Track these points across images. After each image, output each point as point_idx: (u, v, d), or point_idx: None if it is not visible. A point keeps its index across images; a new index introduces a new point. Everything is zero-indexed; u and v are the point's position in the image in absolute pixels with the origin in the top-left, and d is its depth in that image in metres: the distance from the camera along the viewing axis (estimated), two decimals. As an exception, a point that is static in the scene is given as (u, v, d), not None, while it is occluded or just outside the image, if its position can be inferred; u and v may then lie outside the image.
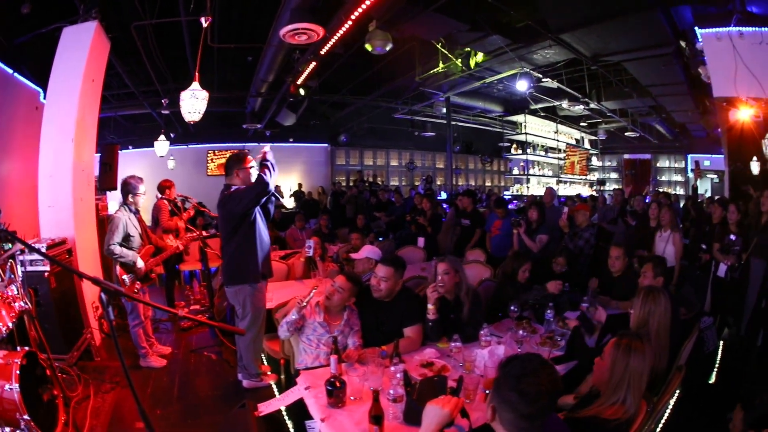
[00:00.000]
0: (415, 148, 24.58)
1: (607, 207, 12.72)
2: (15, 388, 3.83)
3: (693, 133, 20.47)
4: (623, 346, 3.16)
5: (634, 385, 3.06)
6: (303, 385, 3.82)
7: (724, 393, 5.62)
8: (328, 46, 9.80)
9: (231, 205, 5.51)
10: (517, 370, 2.34)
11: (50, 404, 4.49)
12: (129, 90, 13.52)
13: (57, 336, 5.86)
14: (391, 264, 4.80)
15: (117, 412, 5.28)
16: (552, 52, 12.57)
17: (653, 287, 4.36)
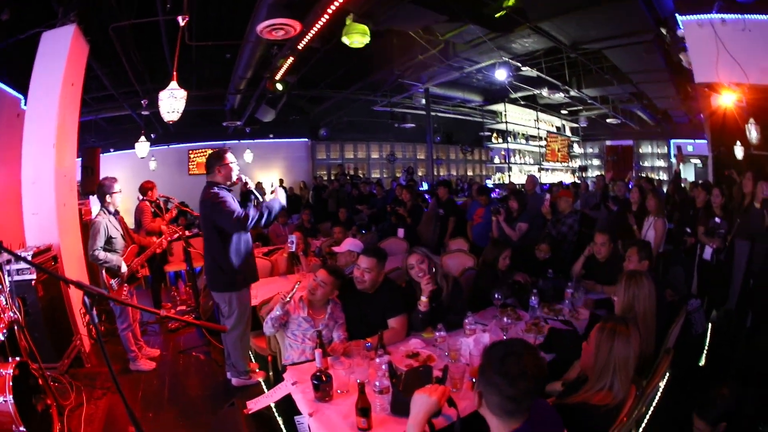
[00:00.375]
0: (395, 140, 24.52)
1: (589, 193, 12.83)
2: (9, 400, 3.82)
3: (675, 119, 20.49)
4: (607, 331, 3.19)
5: (620, 370, 3.08)
6: (290, 380, 3.86)
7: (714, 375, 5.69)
8: (306, 41, 9.76)
9: (215, 215, 5.46)
10: (500, 352, 2.37)
11: (44, 414, 4.48)
12: (108, 92, 13.43)
13: (47, 344, 5.84)
14: (374, 255, 4.85)
15: (110, 418, 5.29)
16: (531, 41, 12.54)
17: (636, 271, 4.42)
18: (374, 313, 4.85)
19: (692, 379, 5.62)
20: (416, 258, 4.97)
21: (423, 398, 2.56)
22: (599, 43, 12.28)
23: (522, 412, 2.32)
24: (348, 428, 3.14)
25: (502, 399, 2.29)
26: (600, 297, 5.44)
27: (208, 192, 5.53)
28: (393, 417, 3.23)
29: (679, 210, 8.97)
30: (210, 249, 5.65)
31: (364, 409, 3.07)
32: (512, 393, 2.26)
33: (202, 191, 5.64)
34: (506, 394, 2.27)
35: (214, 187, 5.55)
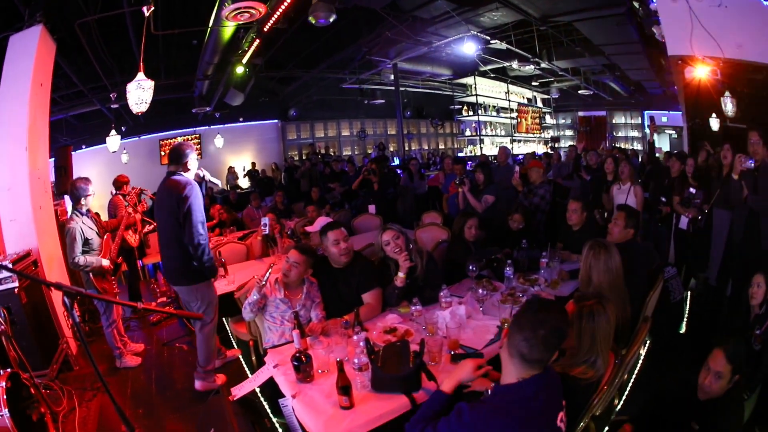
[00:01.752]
0: (366, 117, 24.39)
1: (561, 163, 12.88)
2: (5, 414, 3.83)
3: (649, 91, 20.54)
4: (586, 313, 3.21)
5: (603, 347, 3.15)
6: (271, 363, 3.91)
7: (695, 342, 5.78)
8: (271, 23, 9.72)
9: (182, 214, 5.20)
10: (537, 303, 2.72)
11: (40, 423, 4.48)
12: (77, 89, 13.26)
13: (35, 352, 5.82)
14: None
15: (103, 418, 5.32)
16: (500, 15, 12.59)
17: (597, 242, 4.46)
18: (348, 289, 4.95)
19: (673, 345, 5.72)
20: (391, 234, 5.02)
21: (469, 367, 2.91)
22: (569, 15, 12.31)
23: (534, 363, 2.50)
24: (331, 407, 3.19)
25: (521, 339, 2.48)
26: (574, 267, 5.48)
27: (178, 184, 5.28)
28: (374, 394, 3.28)
29: (654, 179, 9.03)
30: (175, 240, 5.35)
31: (344, 387, 3.12)
32: (531, 336, 2.46)
33: (167, 179, 5.41)
34: (525, 335, 2.47)
35: (181, 178, 5.36)
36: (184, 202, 5.16)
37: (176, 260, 5.41)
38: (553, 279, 5.36)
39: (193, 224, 5.18)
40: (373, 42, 14.78)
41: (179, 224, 5.23)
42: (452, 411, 2.51)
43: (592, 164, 10.08)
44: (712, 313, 6.46)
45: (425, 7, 12.11)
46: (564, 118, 27.15)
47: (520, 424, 2.40)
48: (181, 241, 5.27)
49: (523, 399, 2.45)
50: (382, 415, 3.06)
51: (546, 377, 2.55)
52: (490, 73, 21.93)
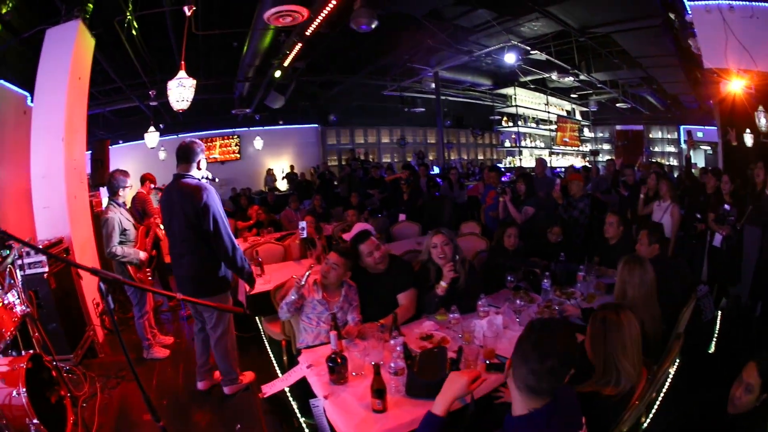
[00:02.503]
0: (405, 125, 24.41)
1: (600, 177, 12.76)
2: (23, 393, 3.84)
3: (685, 105, 20.24)
4: (599, 320, 3.20)
5: (620, 359, 3.07)
6: (305, 363, 3.85)
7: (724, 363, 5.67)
8: (313, 27, 9.76)
9: (204, 220, 4.91)
10: (539, 326, 2.41)
11: (58, 405, 4.51)
12: (116, 85, 13.50)
13: (60, 336, 5.89)
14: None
15: (124, 407, 5.34)
16: (539, 25, 12.54)
17: (632, 257, 4.42)
18: (385, 291, 4.92)
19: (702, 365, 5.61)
20: (441, 239, 4.93)
21: (458, 380, 2.63)
22: (607, 27, 12.26)
23: (544, 392, 2.33)
24: (363, 410, 3.14)
25: (527, 372, 2.29)
26: (610, 281, 5.42)
27: (192, 189, 4.95)
28: (408, 399, 3.23)
29: (690, 196, 8.91)
30: (190, 250, 5.09)
31: (379, 390, 3.06)
32: (538, 368, 2.26)
33: (177, 182, 5.10)
34: (533, 367, 2.27)
35: (193, 181, 5.05)
36: (206, 213, 4.90)
37: (193, 270, 5.14)
38: (590, 293, 5.26)
39: (223, 236, 4.98)
40: (415, 49, 14.79)
41: (196, 234, 4.99)
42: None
43: (630, 181, 9.97)
44: (742, 333, 6.34)
45: (466, 16, 12.09)
46: (602, 132, 26.79)
47: None
48: (199, 250, 5.05)
49: (535, 430, 2.34)
50: (414, 420, 2.94)
51: (558, 401, 2.41)
52: (530, 84, 21.78)
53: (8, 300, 4.66)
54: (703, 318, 5.89)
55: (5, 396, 3.86)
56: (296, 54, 11.77)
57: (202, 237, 4.97)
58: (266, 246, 8.07)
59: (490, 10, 11.31)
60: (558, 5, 11.13)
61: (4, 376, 3.96)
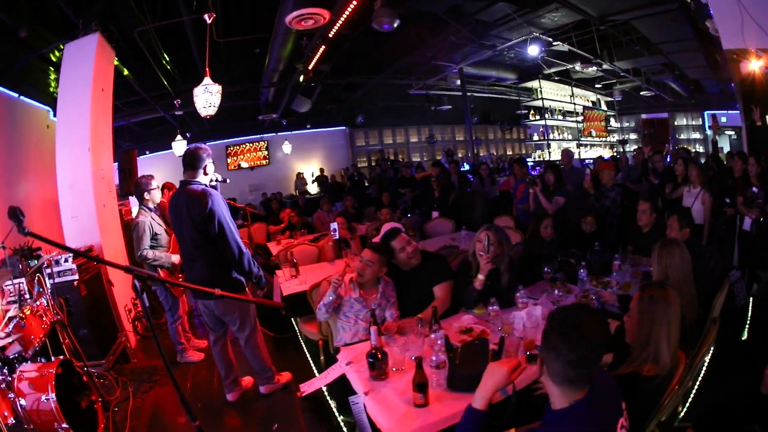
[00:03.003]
0: (433, 123, 24.40)
1: (629, 167, 12.64)
2: (52, 398, 3.88)
3: (708, 90, 20.13)
4: (646, 298, 3.15)
5: (663, 337, 3.02)
6: (344, 361, 3.84)
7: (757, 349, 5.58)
8: (335, 29, 9.78)
9: (210, 225, 4.83)
10: (561, 316, 2.34)
11: (89, 410, 4.55)
12: (140, 96, 13.62)
13: (91, 342, 5.95)
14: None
15: (157, 411, 5.36)
16: (559, 15, 12.51)
17: (667, 240, 4.43)
18: (421, 286, 4.92)
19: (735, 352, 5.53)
20: (484, 234, 4.81)
21: (496, 371, 2.55)
22: (626, 14, 12.25)
23: (583, 381, 2.28)
24: (405, 405, 3.12)
25: (562, 365, 2.23)
26: (647, 269, 5.37)
27: (197, 195, 4.89)
28: (449, 392, 3.21)
29: (717, 181, 8.79)
30: (201, 255, 5.04)
31: (421, 384, 3.04)
32: (572, 358, 2.20)
33: (183, 189, 5.03)
34: (566, 358, 2.21)
35: (198, 186, 4.97)
36: (212, 218, 4.83)
37: (206, 274, 5.03)
38: (626, 282, 5.20)
39: (229, 240, 4.88)
40: (438, 47, 14.78)
41: (205, 239, 4.91)
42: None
43: (659, 169, 9.87)
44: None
45: (487, 11, 12.08)
46: (628, 121, 26.64)
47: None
48: (209, 254, 4.98)
49: (577, 423, 2.25)
50: (456, 414, 2.86)
51: (597, 389, 2.33)
52: (554, 76, 21.76)
53: (37, 307, 4.72)
54: (737, 304, 5.81)
55: (34, 401, 3.90)
56: (320, 57, 11.78)
57: (211, 241, 4.91)
58: (300, 247, 8.09)
59: (510, 3, 11.29)
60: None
61: (34, 381, 4.00)
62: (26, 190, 8.18)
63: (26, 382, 4.00)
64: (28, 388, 3.97)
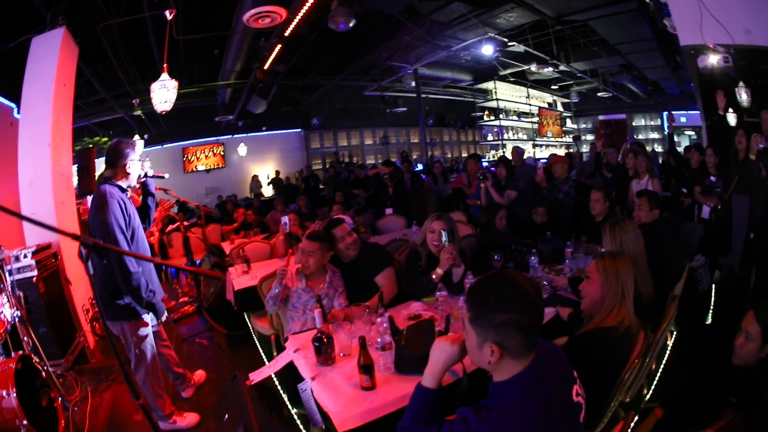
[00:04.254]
0: (388, 125, 24.61)
1: (584, 163, 12.88)
2: (12, 395, 3.85)
3: (667, 91, 20.56)
4: (608, 258, 3.29)
5: (620, 294, 3.16)
6: (292, 348, 3.84)
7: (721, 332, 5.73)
8: (292, 27, 9.81)
9: (94, 226, 4.29)
10: (495, 292, 2.16)
11: (49, 409, 4.51)
12: (99, 96, 13.60)
13: (50, 341, 5.88)
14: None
15: (115, 408, 5.34)
16: (515, 15, 12.65)
17: (617, 218, 4.49)
18: (363, 278, 4.95)
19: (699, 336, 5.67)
20: (440, 225, 4.85)
21: (444, 346, 2.42)
22: (583, 14, 12.42)
23: (528, 349, 2.17)
24: (352, 388, 3.10)
25: (523, 335, 2.10)
26: (601, 254, 5.49)
27: (97, 194, 4.36)
28: (397, 375, 3.19)
29: (675, 175, 9.00)
30: (96, 267, 4.30)
31: (366, 366, 3.02)
32: (530, 320, 2.10)
33: (97, 189, 4.43)
34: (525, 325, 2.09)
35: (107, 188, 4.38)
36: (97, 227, 4.24)
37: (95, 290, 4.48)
38: (579, 268, 5.26)
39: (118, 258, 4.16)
40: (394, 47, 14.87)
41: None
42: (456, 418, 2.21)
43: (612, 162, 10.06)
44: (737, 303, 6.40)
45: (442, 10, 12.19)
46: (585, 123, 27.00)
47: (536, 419, 2.10)
48: (98, 267, 4.30)
49: (531, 389, 2.13)
50: (404, 396, 2.80)
51: (542, 354, 2.24)
52: (510, 77, 22.05)
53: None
54: (700, 289, 5.95)
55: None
56: (276, 56, 11.79)
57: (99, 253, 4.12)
58: (253, 245, 8.14)
59: (465, 3, 11.41)
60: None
61: (-7, 377, 3.96)
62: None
63: (-15, 378, 3.95)
64: (-12, 383, 3.93)
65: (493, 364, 2.16)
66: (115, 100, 14.31)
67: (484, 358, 2.17)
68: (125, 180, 4.58)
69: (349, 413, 2.87)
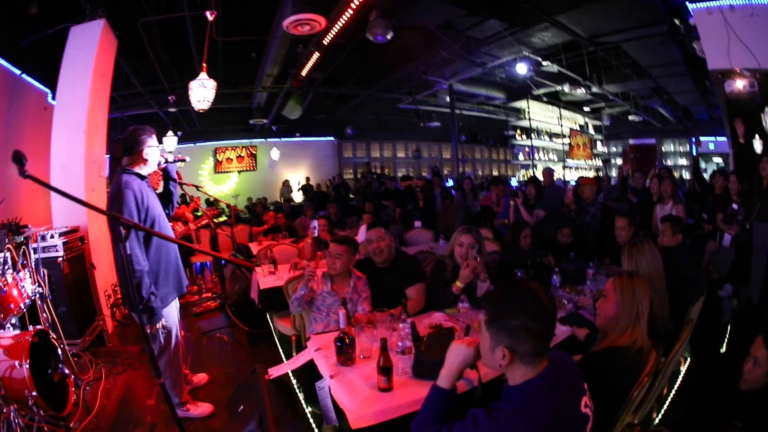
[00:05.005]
0: (421, 139, 24.71)
1: (611, 186, 12.83)
2: (25, 365, 3.93)
3: (696, 116, 20.43)
4: (625, 277, 3.30)
5: (635, 314, 3.16)
6: (313, 347, 3.88)
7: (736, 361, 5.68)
8: (330, 36, 9.94)
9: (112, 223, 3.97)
10: (511, 298, 2.25)
11: (61, 384, 4.59)
12: (135, 90, 13.86)
13: (69, 321, 5.99)
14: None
15: (128, 392, 5.38)
16: (550, 35, 12.70)
17: (635, 240, 4.53)
18: (391, 286, 4.96)
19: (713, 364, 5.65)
20: (469, 240, 4.87)
21: (460, 348, 2.50)
22: (615, 35, 12.43)
23: (545, 352, 2.26)
24: (369, 388, 3.15)
25: (534, 342, 2.18)
26: (622, 276, 5.48)
27: (116, 183, 4.31)
28: (414, 380, 3.23)
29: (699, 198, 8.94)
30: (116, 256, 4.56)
31: (385, 368, 3.07)
32: (542, 329, 2.18)
33: (116, 176, 4.42)
34: (537, 332, 2.16)
35: (125, 178, 4.30)
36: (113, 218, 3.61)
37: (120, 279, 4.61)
38: (599, 289, 5.30)
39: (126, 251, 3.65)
40: (429, 61, 14.95)
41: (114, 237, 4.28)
42: (467, 418, 2.27)
43: (638, 186, 10.05)
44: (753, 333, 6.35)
45: (478, 27, 12.23)
46: (615, 146, 26.93)
47: (545, 424, 2.16)
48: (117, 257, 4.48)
49: (542, 395, 2.20)
50: (419, 400, 2.79)
51: (556, 364, 2.31)
52: (543, 97, 22.02)
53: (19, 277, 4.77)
54: (723, 321, 5.91)
55: (7, 368, 3.95)
56: (314, 64, 11.94)
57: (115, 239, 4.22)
58: (280, 247, 8.20)
59: (501, 21, 11.46)
60: (566, 14, 11.30)
61: (9, 348, 4.05)
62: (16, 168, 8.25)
63: (1, 347, 4.06)
64: (2, 354, 4.02)
65: (504, 367, 2.25)
66: (151, 95, 14.56)
67: (495, 361, 2.25)
68: (143, 167, 4.50)
69: (364, 411, 2.92)
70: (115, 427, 4.68)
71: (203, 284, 9.71)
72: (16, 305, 4.52)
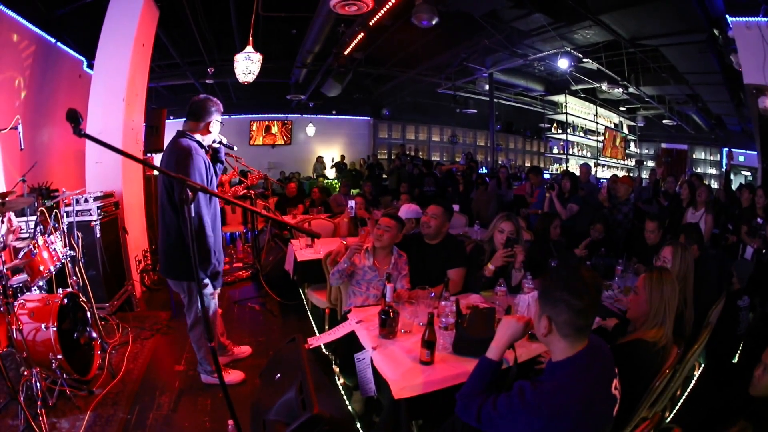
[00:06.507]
0: (456, 125, 24.69)
1: (642, 188, 12.74)
2: (52, 328, 4.02)
3: (729, 127, 20.15)
4: (655, 277, 3.39)
5: (670, 312, 3.26)
6: (354, 319, 3.96)
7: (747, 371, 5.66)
8: (377, 18, 9.92)
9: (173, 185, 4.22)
10: (560, 272, 2.49)
11: (86, 347, 4.68)
12: (172, 61, 13.93)
13: (99, 284, 6.09)
14: (441, 205, 5.05)
15: (155, 358, 5.45)
16: (592, 33, 12.62)
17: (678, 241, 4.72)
18: (435, 264, 5.05)
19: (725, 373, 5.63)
20: (510, 228, 4.94)
21: (511, 322, 2.69)
22: (655, 39, 12.35)
23: (587, 330, 2.44)
24: (411, 361, 3.27)
25: (572, 315, 2.34)
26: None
27: (183, 147, 4.28)
28: (454, 356, 3.33)
29: (725, 210, 8.90)
30: (167, 222, 4.37)
31: (429, 342, 3.18)
32: (580, 305, 2.33)
33: (174, 139, 4.44)
34: (575, 308, 2.33)
35: (191, 143, 4.34)
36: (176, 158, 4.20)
37: (163, 246, 4.51)
38: (626, 286, 5.30)
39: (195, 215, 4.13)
40: (471, 49, 14.88)
41: (170, 201, 4.29)
42: (513, 389, 2.41)
43: (670, 191, 9.99)
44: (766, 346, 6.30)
45: (523, 20, 12.17)
46: (647, 148, 26.87)
47: (582, 399, 2.31)
48: (168, 222, 4.36)
49: (580, 372, 2.37)
50: (459, 374, 3.07)
51: (594, 346, 2.47)
52: (581, 93, 21.81)
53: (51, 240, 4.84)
54: (739, 331, 5.90)
55: (33, 329, 4.04)
56: (357, 44, 11.93)
57: (173, 207, 4.29)
58: (317, 221, 8.28)
59: (546, 15, 11.38)
60: (610, 14, 11.23)
61: (36, 310, 4.15)
62: (50, 134, 8.41)
63: (28, 310, 4.14)
64: (29, 315, 4.10)
65: (545, 335, 2.45)
66: (188, 67, 14.62)
67: (540, 329, 2.46)
68: (205, 136, 4.53)
69: (406, 383, 3.02)
70: (141, 392, 4.75)
71: (234, 254, 9.86)
72: (46, 268, 4.58)
